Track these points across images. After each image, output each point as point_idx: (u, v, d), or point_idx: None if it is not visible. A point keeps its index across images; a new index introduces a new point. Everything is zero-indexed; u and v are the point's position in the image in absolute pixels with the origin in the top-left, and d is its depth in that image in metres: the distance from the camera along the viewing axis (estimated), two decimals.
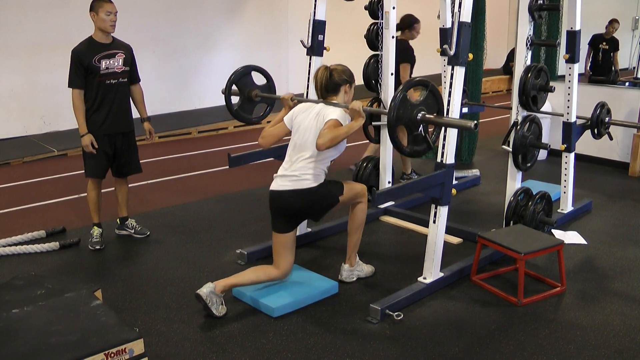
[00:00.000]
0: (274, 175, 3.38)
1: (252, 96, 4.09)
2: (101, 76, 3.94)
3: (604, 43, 7.67)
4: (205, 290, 3.16)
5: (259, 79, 4.15)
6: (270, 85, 4.16)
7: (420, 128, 3.11)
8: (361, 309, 3.30)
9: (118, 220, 4.37)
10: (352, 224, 3.55)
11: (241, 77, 4.04)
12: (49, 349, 2.39)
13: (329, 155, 3.30)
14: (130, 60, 4.09)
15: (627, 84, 7.03)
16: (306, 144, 3.28)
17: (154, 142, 4.57)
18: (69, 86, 3.93)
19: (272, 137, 3.46)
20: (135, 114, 4.23)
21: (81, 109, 3.93)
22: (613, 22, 7.67)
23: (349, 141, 4.98)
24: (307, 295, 3.37)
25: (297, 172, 3.26)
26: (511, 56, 11.98)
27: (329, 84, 3.37)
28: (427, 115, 3.09)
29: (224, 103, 4.06)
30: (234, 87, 4.05)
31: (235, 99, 4.10)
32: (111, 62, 3.97)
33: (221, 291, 3.21)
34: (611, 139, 4.81)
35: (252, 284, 3.35)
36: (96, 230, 4.20)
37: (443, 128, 3.30)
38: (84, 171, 4.14)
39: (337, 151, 3.32)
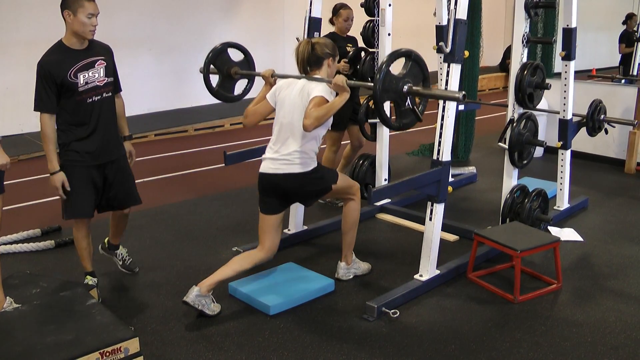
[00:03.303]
0: (263, 156, 3.32)
1: (231, 74, 3.95)
2: (80, 94, 3.11)
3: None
4: (191, 296, 3.11)
5: (237, 57, 4.04)
6: (248, 60, 4.03)
7: (408, 101, 2.98)
8: (357, 306, 3.30)
9: (106, 241, 3.71)
10: (345, 223, 3.52)
11: (218, 55, 3.90)
12: (44, 348, 2.39)
13: (318, 133, 3.22)
14: (112, 68, 3.27)
15: (623, 81, 7.04)
16: (294, 124, 3.19)
17: (133, 163, 3.62)
18: (35, 109, 3.08)
19: (256, 116, 3.35)
20: None
21: (53, 139, 3.09)
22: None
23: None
24: (303, 293, 3.36)
25: (289, 157, 3.19)
26: (508, 53, 11.99)
27: (312, 58, 3.23)
28: (413, 87, 2.96)
29: (220, 100, 4.02)
30: (212, 66, 3.91)
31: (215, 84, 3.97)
32: (90, 74, 3.13)
33: (207, 291, 3.16)
34: (606, 132, 4.81)
35: (237, 274, 3.28)
36: (90, 280, 3.46)
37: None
38: (62, 211, 3.31)
39: (324, 128, 3.23)
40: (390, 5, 4.36)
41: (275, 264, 3.77)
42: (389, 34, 4.46)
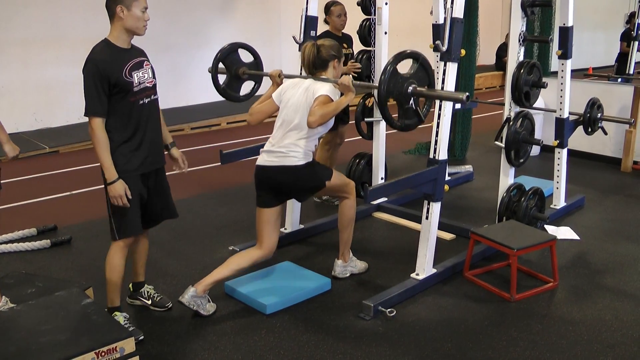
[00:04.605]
0: (261, 150, 3.33)
1: (239, 74, 3.99)
2: (134, 94, 2.89)
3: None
4: (187, 296, 3.11)
5: (246, 58, 4.08)
6: (257, 62, 4.07)
7: (411, 101, 3.03)
8: (354, 305, 3.29)
9: (130, 286, 3.35)
10: (341, 221, 3.53)
11: (228, 55, 3.94)
12: (39, 348, 2.37)
13: (318, 131, 3.24)
14: (154, 71, 3.08)
15: (619, 79, 7.04)
16: (295, 121, 3.21)
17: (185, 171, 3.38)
18: (87, 114, 2.81)
19: (261, 114, 3.38)
20: None
21: (107, 144, 2.84)
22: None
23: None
24: (299, 292, 3.36)
25: (285, 149, 3.21)
26: (500, 52, 12.01)
27: (317, 60, 3.29)
28: (418, 88, 3.02)
29: (216, 99, 4.02)
30: (220, 65, 3.95)
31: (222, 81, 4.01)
32: (141, 74, 2.92)
33: (204, 291, 3.16)
34: (605, 133, 4.81)
35: (235, 273, 3.27)
36: (121, 318, 3.04)
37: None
38: (115, 231, 2.99)
39: (325, 127, 3.27)
40: (386, 3, 4.35)
41: (271, 263, 3.76)
42: (386, 33, 4.45)
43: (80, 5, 7.52)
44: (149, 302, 3.29)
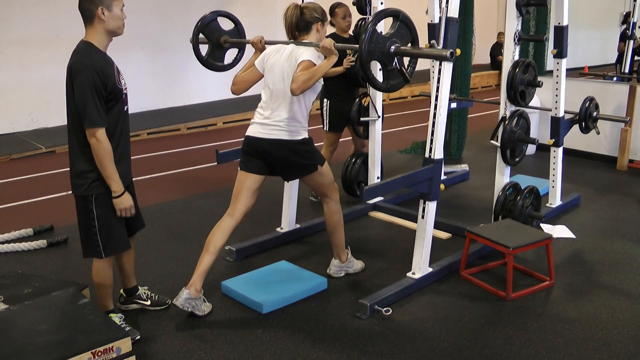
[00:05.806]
0: (252, 120, 3.28)
1: (221, 42, 3.92)
2: (123, 102, 2.80)
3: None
4: (181, 300, 3.08)
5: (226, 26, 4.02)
6: (239, 29, 4.01)
7: (395, 61, 2.95)
8: (350, 304, 3.30)
9: (122, 292, 3.26)
10: (328, 226, 3.53)
11: (208, 25, 3.88)
12: (35, 348, 2.37)
13: (308, 98, 3.19)
14: None
15: (615, 78, 7.06)
16: (284, 91, 3.15)
17: None
18: (91, 125, 2.63)
19: (245, 83, 3.29)
20: None
21: (112, 155, 2.71)
22: None
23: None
24: (296, 292, 3.36)
25: (281, 123, 3.16)
26: (493, 51, 12.02)
27: (300, 23, 3.19)
28: (401, 47, 2.92)
29: (213, 99, 4.01)
30: (201, 35, 3.90)
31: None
32: (122, 79, 2.82)
33: (197, 291, 3.13)
34: (598, 133, 4.83)
35: (216, 255, 3.22)
36: (117, 319, 3.00)
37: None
38: (101, 249, 2.85)
39: (313, 92, 3.20)
40: (382, 3, 4.35)
41: (268, 262, 3.77)
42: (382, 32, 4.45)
43: (77, 5, 7.52)
44: (148, 302, 3.26)
